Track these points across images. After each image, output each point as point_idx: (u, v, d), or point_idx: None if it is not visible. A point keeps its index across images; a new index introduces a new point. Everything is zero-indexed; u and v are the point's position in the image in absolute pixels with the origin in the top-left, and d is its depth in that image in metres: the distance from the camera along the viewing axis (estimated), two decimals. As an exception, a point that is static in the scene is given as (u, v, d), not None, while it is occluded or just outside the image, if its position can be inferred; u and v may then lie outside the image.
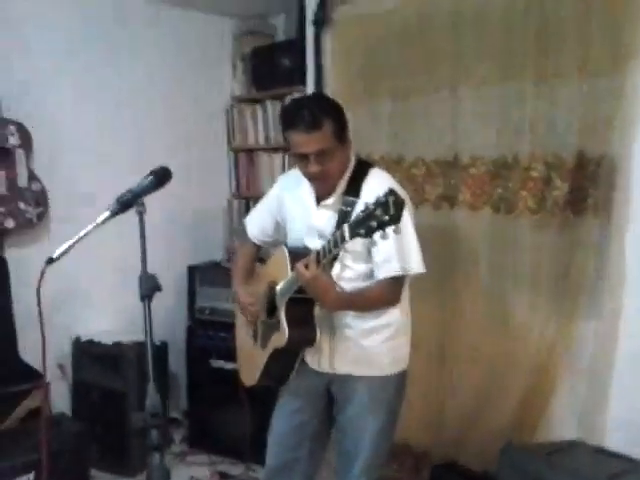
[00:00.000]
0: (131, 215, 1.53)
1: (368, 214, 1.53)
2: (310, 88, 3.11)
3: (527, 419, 2.39)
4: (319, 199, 1.93)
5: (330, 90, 2.99)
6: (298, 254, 1.82)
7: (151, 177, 1.59)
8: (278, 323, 1.88)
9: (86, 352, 3.13)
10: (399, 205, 1.50)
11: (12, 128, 2.80)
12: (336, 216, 1.84)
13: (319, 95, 1.90)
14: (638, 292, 2.15)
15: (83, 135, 3.14)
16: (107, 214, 1.54)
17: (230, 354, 2.28)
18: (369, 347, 1.94)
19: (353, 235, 1.58)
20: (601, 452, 2.00)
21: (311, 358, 1.99)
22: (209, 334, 3.21)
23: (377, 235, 1.54)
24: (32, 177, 2.89)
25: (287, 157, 3.42)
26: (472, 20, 2.47)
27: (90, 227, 1.52)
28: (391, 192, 1.52)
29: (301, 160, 1.84)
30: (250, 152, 3.71)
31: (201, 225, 3.71)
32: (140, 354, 2.92)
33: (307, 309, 1.86)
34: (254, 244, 2.21)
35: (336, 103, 1.89)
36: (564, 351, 2.31)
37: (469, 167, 2.54)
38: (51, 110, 3.02)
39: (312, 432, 2.07)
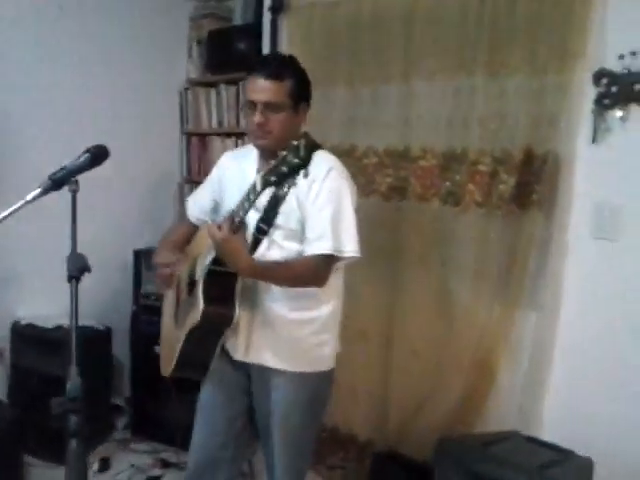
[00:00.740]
0: (79, 194, 1.48)
1: (280, 160, 1.47)
2: (265, 73, 3.08)
3: (468, 411, 2.42)
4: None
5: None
6: None
7: (86, 155, 1.55)
8: (196, 299, 1.76)
9: (25, 336, 3.03)
10: (309, 147, 1.46)
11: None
12: None
13: (294, 58, 1.87)
14: (576, 286, 2.20)
15: (30, 111, 3.02)
16: (38, 191, 1.49)
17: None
18: (290, 339, 1.85)
19: (265, 184, 1.51)
20: (534, 442, 2.04)
21: (230, 345, 1.90)
22: (153, 320, 3.10)
23: (286, 185, 1.50)
24: (-28, 153, 2.78)
25: (240, 142, 3.38)
26: (426, 13, 2.47)
27: (19, 204, 1.46)
28: (304, 135, 1.48)
29: (250, 109, 1.77)
30: (203, 136, 3.65)
31: (151, 209, 3.63)
32: (82, 338, 2.84)
33: (228, 284, 1.74)
34: (192, 225, 2.09)
35: (305, 73, 1.85)
36: (505, 343, 2.35)
37: (419, 159, 2.55)
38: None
39: (237, 432, 1.99)
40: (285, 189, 1.54)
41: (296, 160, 1.44)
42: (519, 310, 2.32)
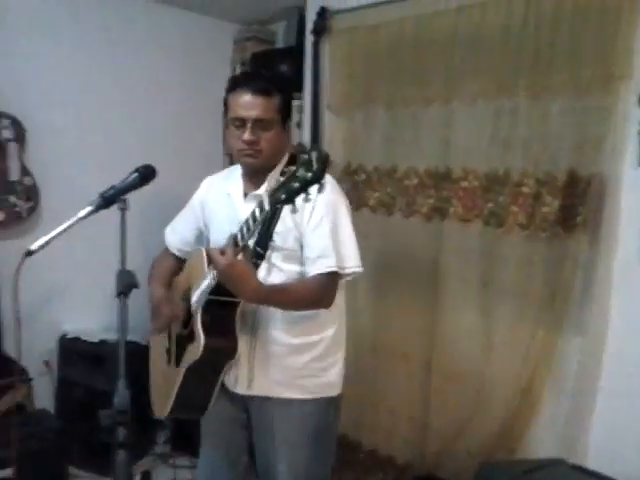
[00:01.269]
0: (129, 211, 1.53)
1: (289, 175, 1.34)
2: (307, 95, 3.12)
3: (509, 436, 2.37)
4: (247, 194, 1.77)
5: (327, 97, 3.01)
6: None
7: (135, 174, 1.61)
8: (193, 333, 1.64)
9: (72, 349, 3.11)
10: (323, 159, 1.31)
11: (6, 122, 2.80)
12: None
13: (279, 74, 1.84)
14: (624, 311, 2.15)
15: (79, 132, 3.14)
16: (89, 209, 1.55)
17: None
18: (294, 366, 1.75)
19: (273, 202, 1.37)
20: (579, 471, 1.98)
21: (228, 378, 1.78)
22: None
23: (300, 199, 1.34)
24: (24, 171, 2.88)
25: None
26: (468, 36, 2.47)
27: (71, 221, 1.52)
28: (315, 147, 1.35)
29: (237, 128, 1.69)
30: (245, 157, 3.70)
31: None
32: (126, 352, 2.88)
33: (227, 314, 1.64)
34: (175, 257, 2.02)
35: (289, 90, 1.83)
36: (548, 369, 2.30)
37: (461, 180, 2.54)
38: (49, 105, 3.01)
39: (243, 469, 1.92)
40: (281, 208, 1.40)
41: (309, 174, 1.31)
42: (563, 335, 2.28)
